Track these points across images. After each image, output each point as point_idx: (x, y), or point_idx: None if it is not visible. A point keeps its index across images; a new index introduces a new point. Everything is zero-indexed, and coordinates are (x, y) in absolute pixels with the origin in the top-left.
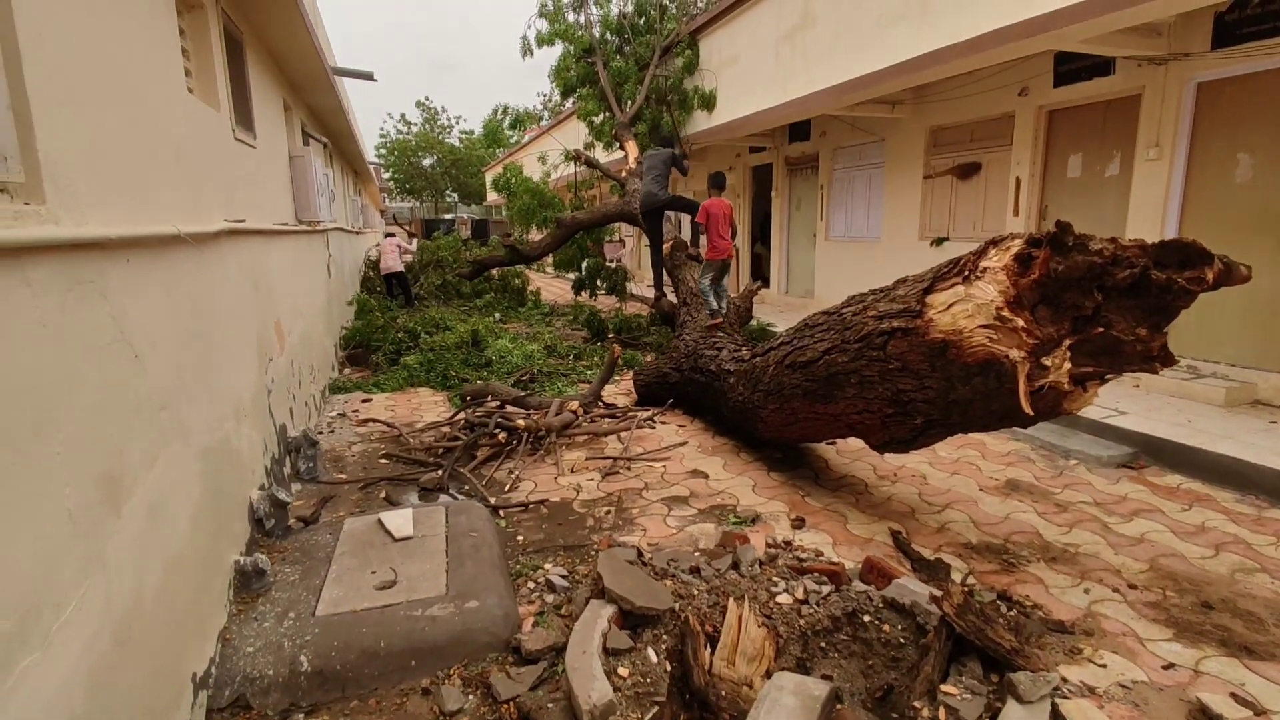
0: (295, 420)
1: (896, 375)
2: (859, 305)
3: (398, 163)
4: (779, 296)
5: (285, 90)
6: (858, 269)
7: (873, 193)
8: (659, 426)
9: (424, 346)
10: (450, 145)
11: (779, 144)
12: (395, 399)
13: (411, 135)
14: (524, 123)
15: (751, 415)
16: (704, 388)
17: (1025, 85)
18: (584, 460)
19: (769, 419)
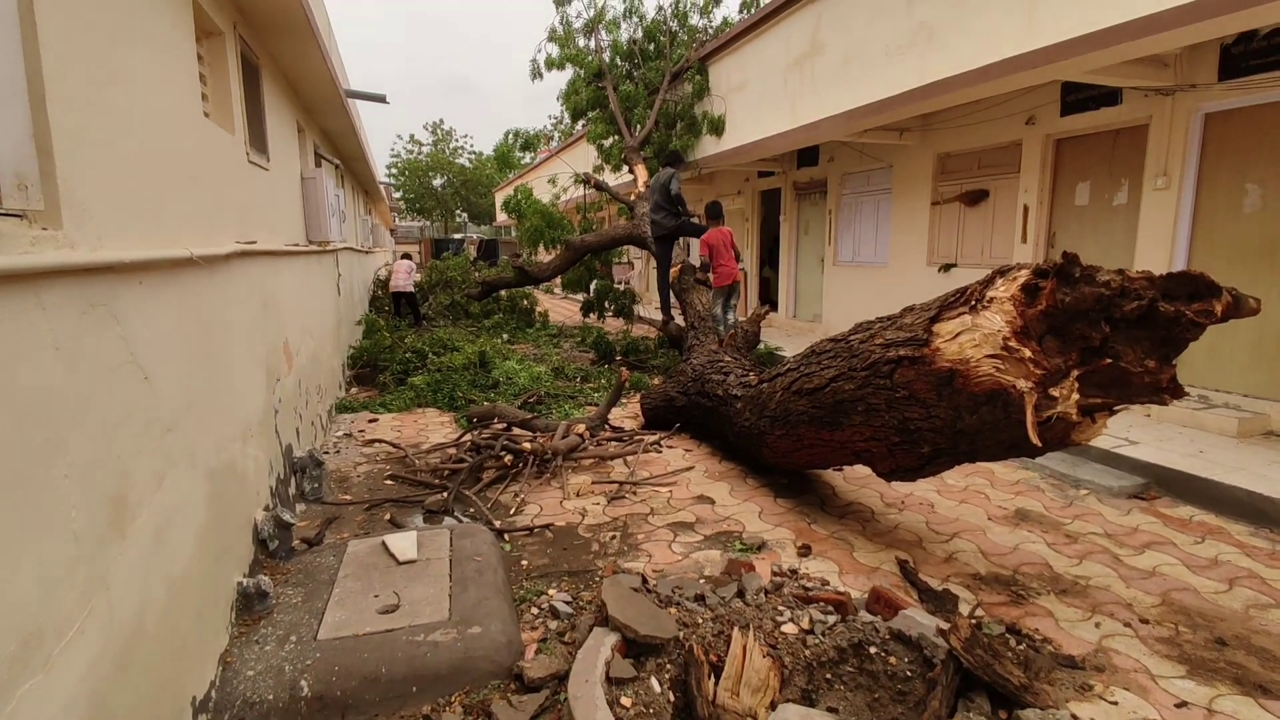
0: (301, 440)
1: (903, 404)
2: (866, 333)
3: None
4: (787, 320)
5: (299, 113)
6: (865, 294)
7: (880, 218)
8: (666, 450)
9: (431, 367)
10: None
11: (787, 169)
12: (402, 419)
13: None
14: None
15: (758, 441)
16: (711, 412)
17: (1032, 114)
18: (590, 484)
19: (775, 445)
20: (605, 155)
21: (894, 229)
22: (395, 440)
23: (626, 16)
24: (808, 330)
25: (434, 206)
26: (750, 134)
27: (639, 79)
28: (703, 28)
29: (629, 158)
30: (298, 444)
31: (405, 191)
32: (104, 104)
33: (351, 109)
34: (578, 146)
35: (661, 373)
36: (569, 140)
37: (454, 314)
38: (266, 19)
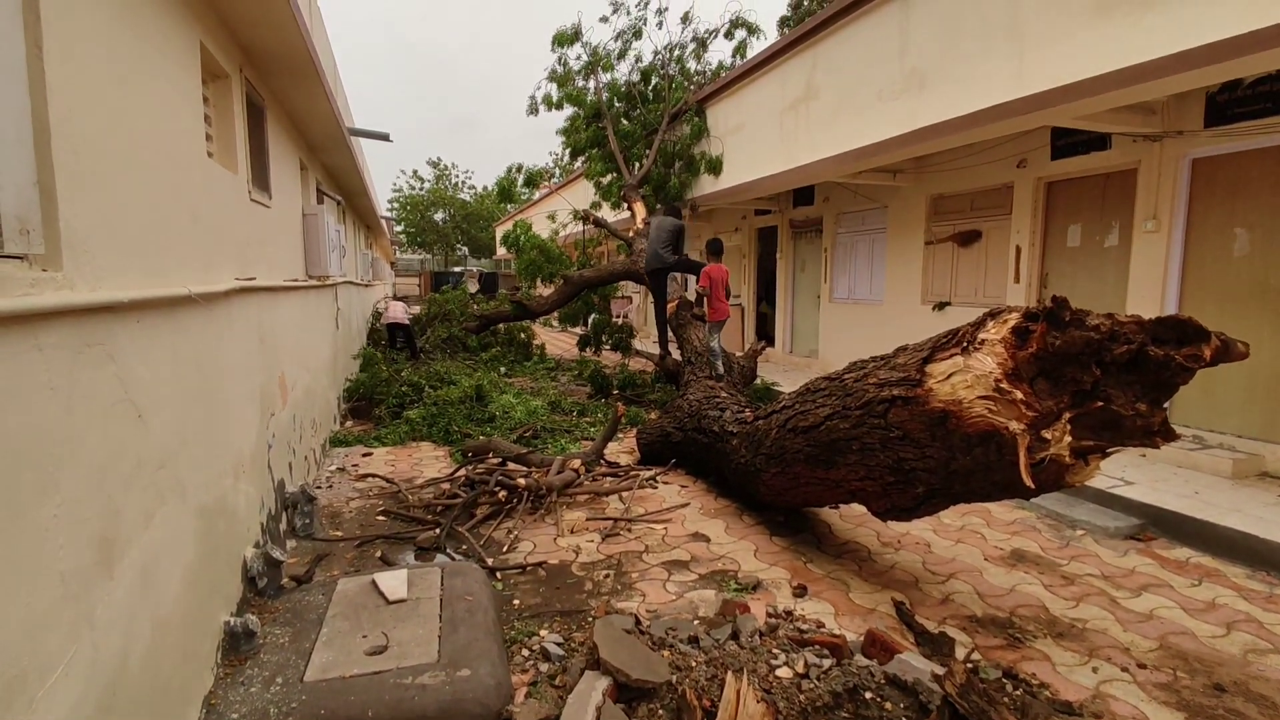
0: (294, 475)
1: (897, 443)
2: (860, 372)
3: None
4: (783, 355)
5: (302, 151)
6: (861, 330)
7: (875, 257)
8: (661, 487)
9: (427, 400)
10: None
11: (784, 207)
12: (396, 453)
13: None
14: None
15: (754, 478)
16: (707, 448)
17: (1024, 157)
18: (584, 521)
19: (771, 483)
20: (604, 192)
21: (889, 267)
22: (389, 475)
23: (620, 57)
24: (804, 365)
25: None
26: (747, 174)
27: (637, 119)
28: (700, 71)
29: (627, 195)
30: (290, 479)
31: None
32: (108, 146)
33: (354, 146)
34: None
35: (658, 408)
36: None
37: (452, 347)
38: (272, 61)
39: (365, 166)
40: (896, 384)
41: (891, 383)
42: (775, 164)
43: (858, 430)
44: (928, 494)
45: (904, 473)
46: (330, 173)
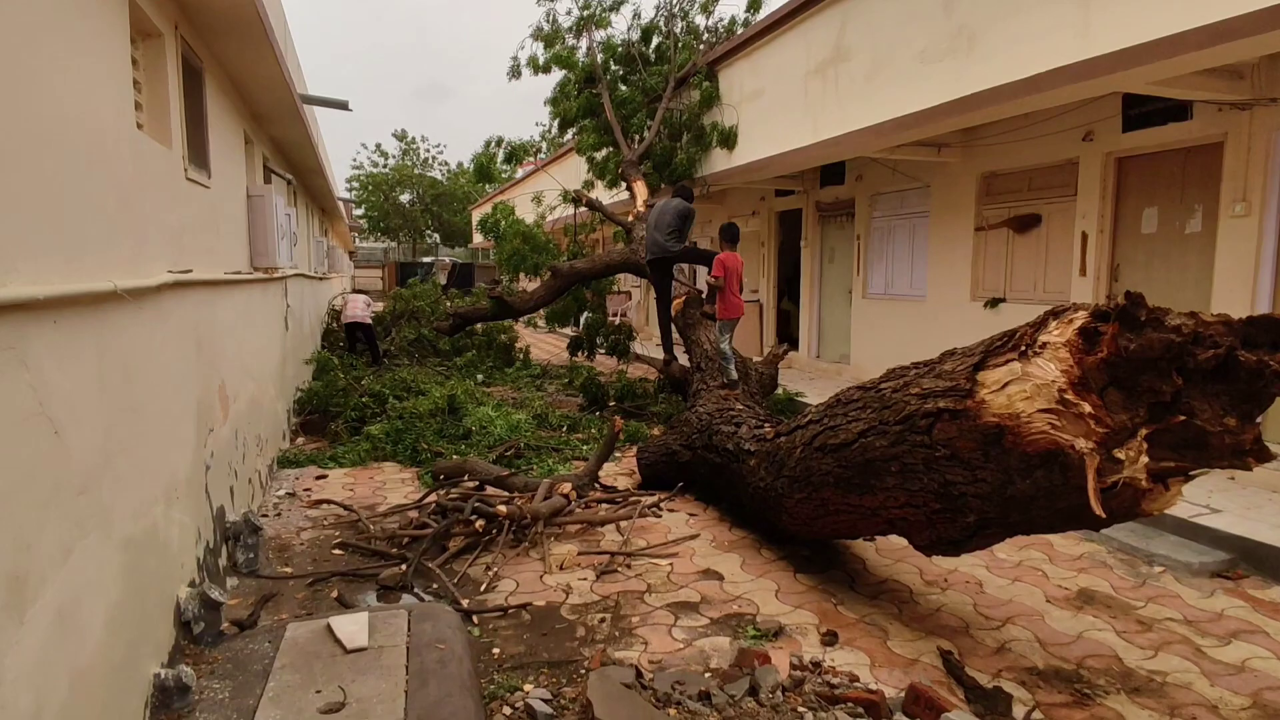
0: (236, 501)
1: (944, 464)
2: (900, 380)
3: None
4: (809, 361)
5: (247, 122)
6: (900, 332)
7: (916, 245)
8: (666, 515)
9: (392, 413)
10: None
11: (809, 187)
12: (355, 476)
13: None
14: (521, 156)
15: (775, 505)
16: (719, 470)
17: (1090, 129)
18: (576, 555)
19: (795, 510)
20: (598, 170)
21: (932, 258)
22: (347, 501)
23: (615, 9)
24: (833, 373)
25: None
26: (766, 148)
27: (637, 84)
28: (710, 28)
29: (626, 173)
30: (231, 506)
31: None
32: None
33: (308, 116)
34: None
35: (662, 422)
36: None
37: (420, 350)
38: (212, 16)
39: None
40: (943, 395)
41: (937, 393)
42: (799, 136)
43: (897, 449)
44: (980, 524)
45: (952, 499)
46: (280, 147)
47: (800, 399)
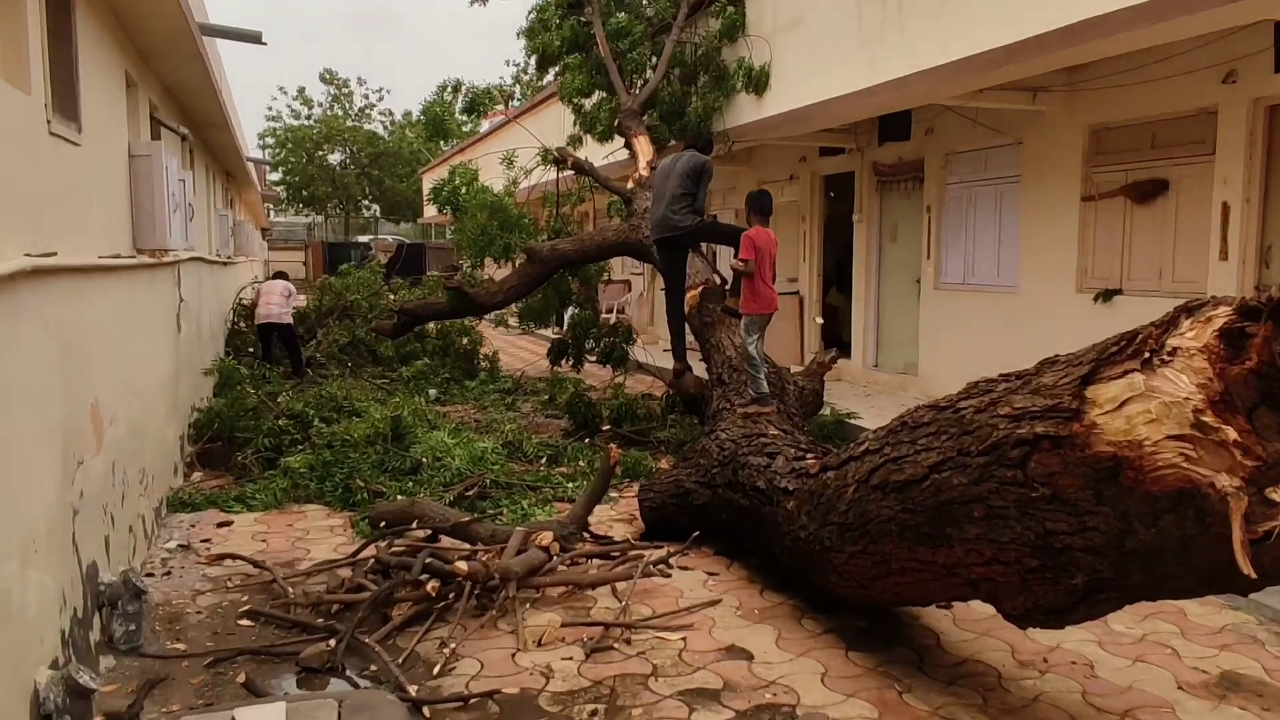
0: (113, 556)
1: (1043, 508)
2: (984, 398)
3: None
4: (864, 371)
5: (130, 60)
6: (984, 334)
7: (1005, 220)
8: (677, 574)
9: (318, 440)
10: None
11: (864, 144)
12: (269, 522)
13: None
14: (485, 105)
15: (821, 561)
16: (747, 514)
17: (1232, 69)
18: (559, 627)
19: (847, 568)
20: (588, 122)
21: (1026, 236)
22: (258, 556)
23: None
24: (895, 388)
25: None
26: (807, 93)
27: (639, 9)
28: None
29: (624, 126)
30: (107, 562)
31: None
32: None
33: (209, 53)
34: (546, 108)
35: (671, 451)
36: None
37: (355, 358)
38: None
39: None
40: (1041, 417)
41: (1033, 414)
42: (851, 77)
43: (981, 487)
44: (1090, 586)
45: (1053, 553)
46: (173, 93)
47: (853, 421)
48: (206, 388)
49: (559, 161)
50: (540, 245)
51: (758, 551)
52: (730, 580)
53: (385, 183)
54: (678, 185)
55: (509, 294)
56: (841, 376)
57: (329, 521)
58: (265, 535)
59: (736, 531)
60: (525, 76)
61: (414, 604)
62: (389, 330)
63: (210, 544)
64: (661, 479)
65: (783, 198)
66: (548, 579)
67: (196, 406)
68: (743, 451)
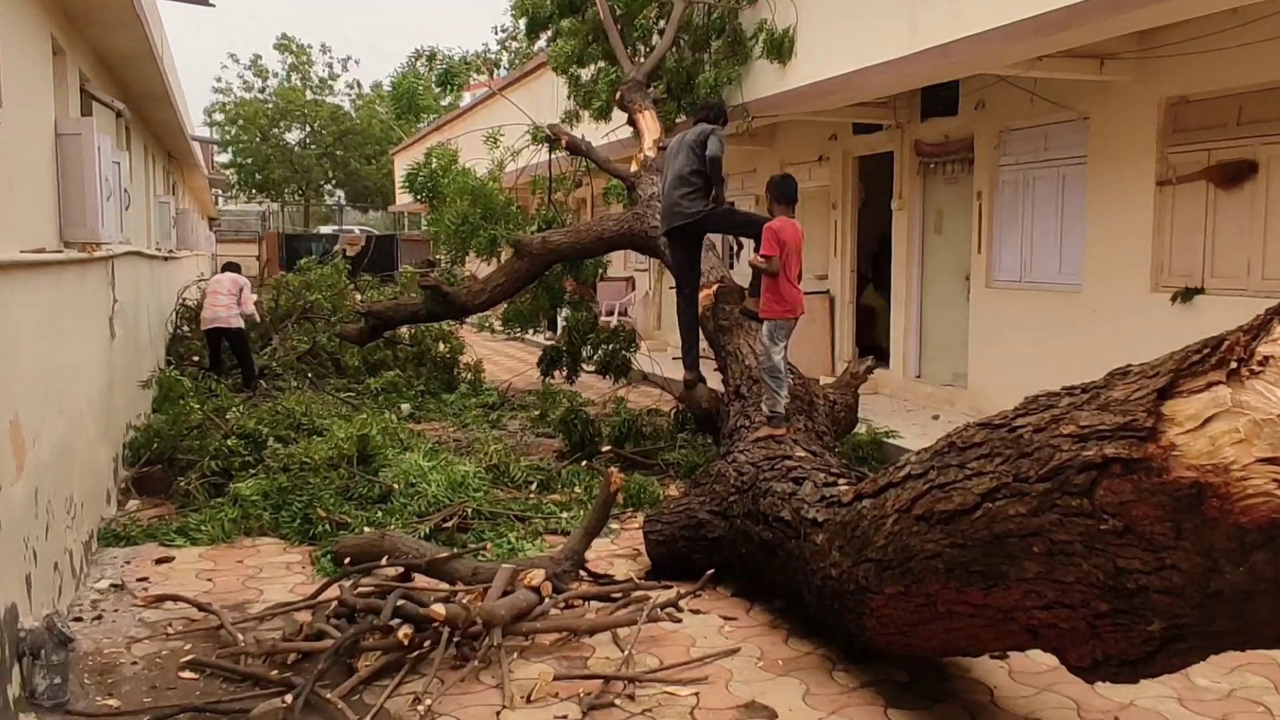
0: (35, 598)
1: (1113, 543)
2: (1045, 414)
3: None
4: (905, 383)
5: (56, 23)
6: (1044, 340)
7: (1068, 208)
8: (688, 618)
9: (273, 463)
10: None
11: (904, 121)
12: (216, 558)
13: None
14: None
15: (855, 604)
16: (770, 549)
17: None
18: (551, 680)
19: (886, 612)
20: (584, 96)
21: (1092, 227)
22: (202, 597)
23: None
24: (941, 401)
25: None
26: (838, 61)
27: None
28: None
29: (627, 98)
30: (28, 605)
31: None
32: None
33: (148, 16)
34: (537, 79)
35: (682, 476)
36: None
37: (316, 367)
38: None
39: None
40: (1111, 436)
41: (1102, 434)
42: (889, 43)
43: (1042, 519)
44: (1169, 634)
45: (1125, 595)
46: (107, 63)
47: (892, 441)
48: (145, 402)
49: (551, 140)
50: (530, 237)
51: (782, 592)
52: (750, 626)
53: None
54: (684, 164)
55: (494, 293)
56: (879, 389)
57: (285, 557)
58: (211, 573)
59: (757, 569)
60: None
61: (383, 653)
62: (355, 336)
63: (148, 583)
64: (670, 508)
65: (810, 182)
66: (538, 624)
67: (133, 424)
68: (764, 476)
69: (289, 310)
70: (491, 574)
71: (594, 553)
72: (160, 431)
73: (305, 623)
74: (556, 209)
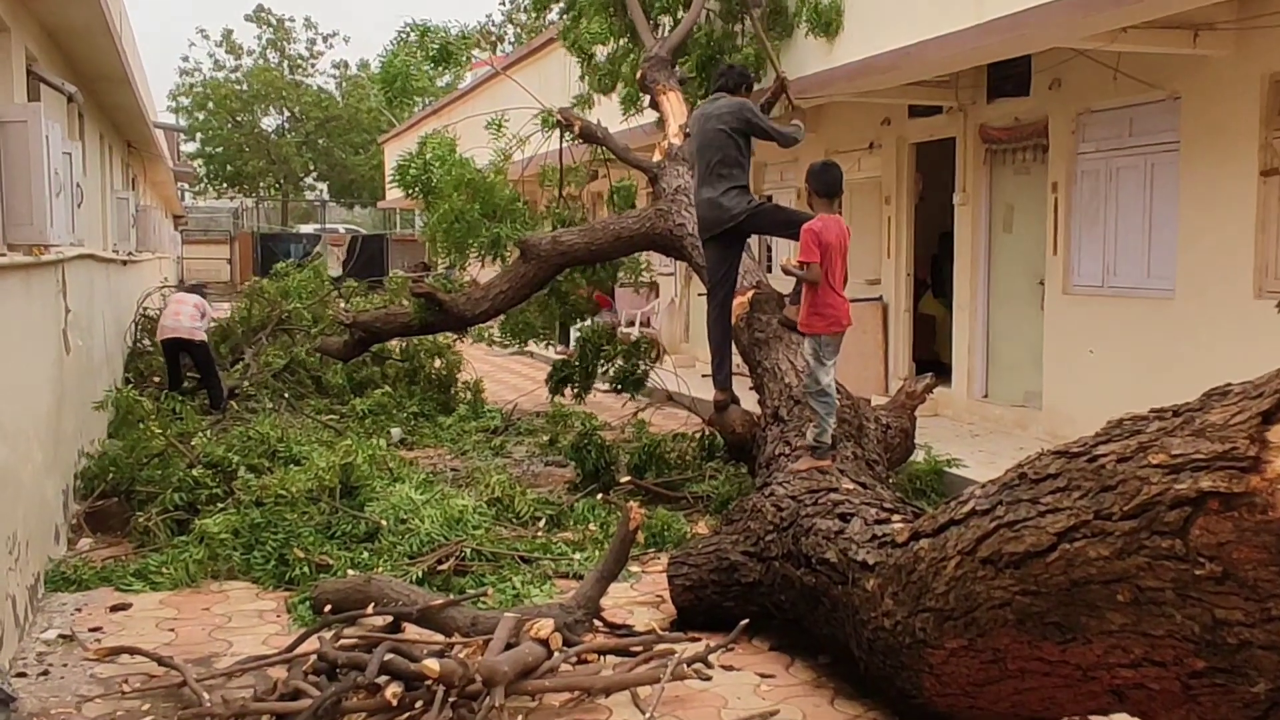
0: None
1: (1211, 591)
2: (1130, 441)
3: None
4: (970, 403)
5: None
6: (1129, 355)
7: (1157, 201)
8: (719, 675)
9: (244, 496)
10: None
11: (968, 102)
12: (180, 604)
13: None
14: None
15: (912, 659)
16: (813, 596)
17: None
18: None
19: (948, 669)
20: (601, 77)
21: (1185, 223)
22: (164, 650)
23: None
24: (1011, 425)
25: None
26: (893, 34)
27: None
28: None
29: (649, 79)
30: None
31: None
32: None
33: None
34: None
35: (712, 512)
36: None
37: (294, 386)
38: None
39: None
40: (1207, 467)
41: (1197, 464)
42: (952, 14)
43: (1127, 562)
44: (1276, 697)
45: (1225, 651)
46: (56, 39)
47: (954, 470)
48: (100, 426)
49: (564, 126)
50: (538, 238)
51: (827, 646)
52: (791, 685)
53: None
54: (719, 159)
55: (497, 301)
56: (939, 410)
57: (258, 604)
58: (174, 622)
59: (799, 619)
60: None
61: (369, 715)
62: (338, 350)
63: (101, 634)
64: (699, 548)
65: (859, 173)
66: (547, 682)
67: (86, 451)
68: (807, 512)
69: (264, 321)
70: (493, 624)
71: (611, 599)
72: (117, 459)
73: (280, 680)
74: (569, 205)
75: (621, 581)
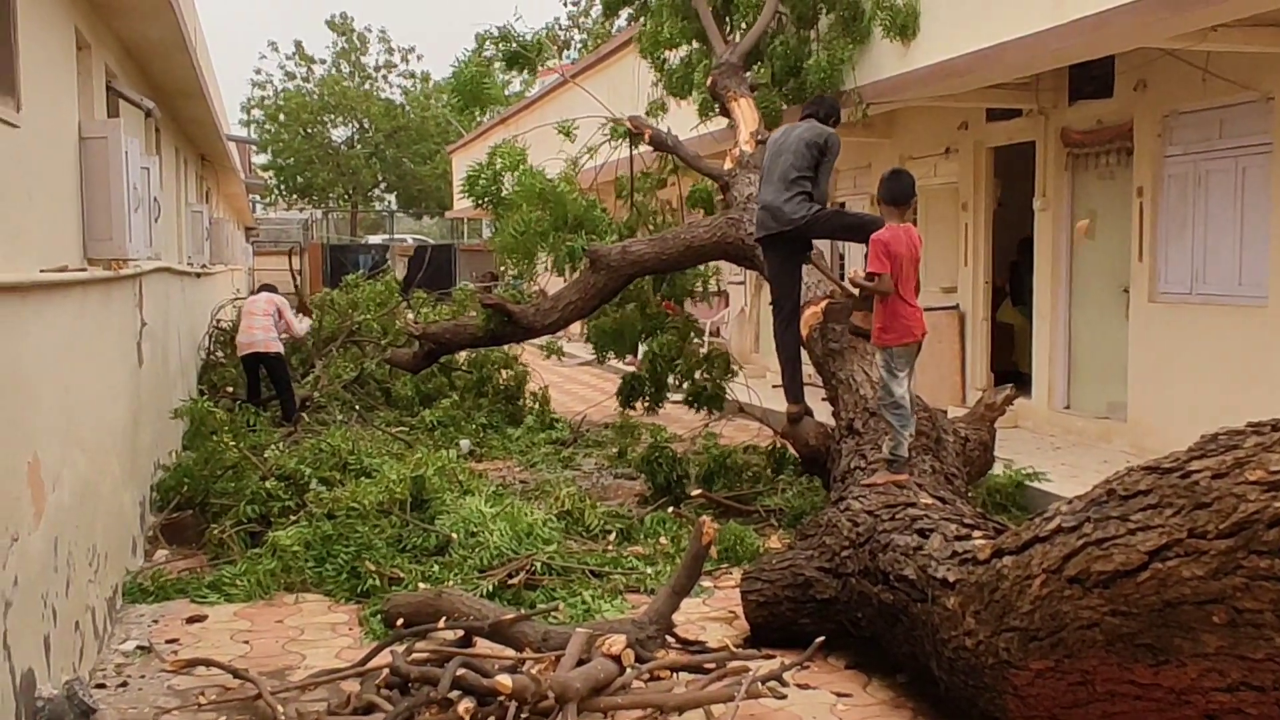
0: (54, 661)
1: None
2: (1226, 456)
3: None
4: (1052, 415)
5: (80, 14)
6: (1221, 365)
7: (1249, 205)
8: (794, 693)
9: (316, 509)
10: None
11: (1049, 105)
12: (254, 616)
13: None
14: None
15: (996, 680)
16: (891, 614)
17: None
18: None
19: (1033, 690)
20: (673, 82)
21: (1278, 229)
22: (239, 662)
23: None
24: (1096, 438)
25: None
26: (971, 36)
27: None
28: None
29: (720, 86)
30: (47, 670)
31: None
32: None
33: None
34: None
35: (786, 525)
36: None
37: (364, 398)
38: None
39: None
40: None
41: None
42: (1031, 14)
43: (1223, 583)
44: None
45: None
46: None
47: (1037, 485)
48: (174, 438)
49: (634, 135)
50: (607, 248)
51: (906, 665)
52: (868, 704)
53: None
54: (791, 164)
55: (566, 312)
56: (1020, 422)
57: (330, 617)
58: (248, 634)
59: (876, 637)
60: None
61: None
62: (408, 362)
63: (178, 645)
64: (772, 564)
65: (935, 179)
66: (619, 699)
67: (162, 463)
68: (884, 527)
69: (334, 333)
70: (565, 639)
71: (683, 615)
72: (191, 471)
73: (353, 693)
74: (640, 214)
75: (694, 597)
